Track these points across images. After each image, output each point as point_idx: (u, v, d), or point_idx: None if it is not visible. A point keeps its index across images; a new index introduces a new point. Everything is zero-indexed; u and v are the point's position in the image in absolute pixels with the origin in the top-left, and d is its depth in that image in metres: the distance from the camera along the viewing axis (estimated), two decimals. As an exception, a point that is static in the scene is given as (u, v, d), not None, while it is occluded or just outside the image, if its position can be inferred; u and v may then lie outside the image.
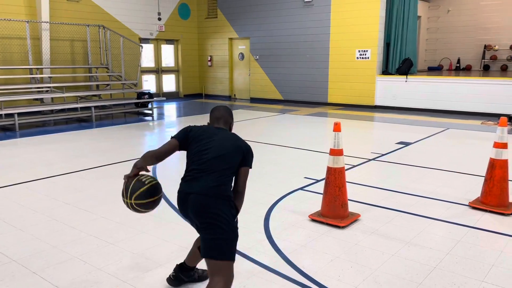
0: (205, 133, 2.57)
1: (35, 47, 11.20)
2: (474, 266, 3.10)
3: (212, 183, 2.34)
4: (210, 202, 2.30)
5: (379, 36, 12.15)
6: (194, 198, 2.33)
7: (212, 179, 2.35)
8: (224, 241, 2.29)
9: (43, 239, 3.59)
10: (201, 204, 2.31)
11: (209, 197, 2.31)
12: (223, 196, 2.34)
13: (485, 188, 4.26)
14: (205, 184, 2.34)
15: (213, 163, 2.40)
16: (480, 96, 10.89)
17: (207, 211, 2.30)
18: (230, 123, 2.72)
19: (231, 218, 2.33)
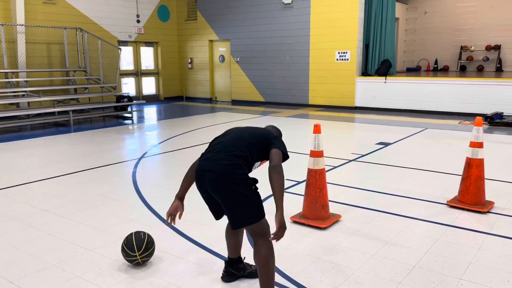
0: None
1: (10, 50, 10.95)
2: (452, 264, 3.15)
3: (227, 161, 2.47)
4: (224, 179, 2.44)
5: (358, 38, 12.29)
6: (209, 175, 2.47)
7: (227, 158, 2.49)
8: (245, 208, 2.48)
9: (20, 247, 3.50)
10: (216, 181, 2.45)
11: (223, 174, 2.44)
12: (237, 174, 2.46)
13: (462, 187, 4.35)
14: (220, 163, 2.47)
15: (230, 144, 2.57)
16: (457, 96, 11.12)
17: (223, 187, 2.44)
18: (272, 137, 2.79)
19: (246, 187, 2.49)
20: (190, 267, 3.14)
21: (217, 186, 2.45)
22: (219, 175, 2.44)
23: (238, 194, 2.45)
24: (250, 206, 2.49)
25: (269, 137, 2.71)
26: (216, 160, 2.50)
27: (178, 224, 3.96)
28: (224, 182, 2.43)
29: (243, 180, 2.48)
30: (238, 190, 2.44)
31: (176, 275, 3.03)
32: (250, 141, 2.62)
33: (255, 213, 2.50)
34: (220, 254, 3.35)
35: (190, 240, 3.64)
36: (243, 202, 2.47)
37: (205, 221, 4.05)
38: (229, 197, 2.46)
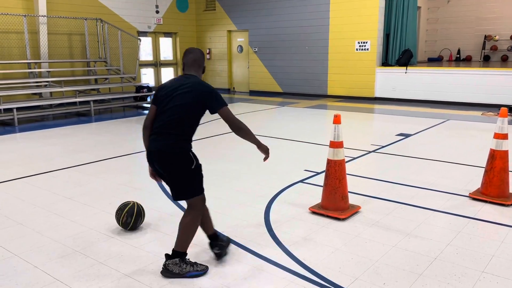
0: (171, 86, 2.89)
1: (33, 41, 11.14)
2: (474, 257, 3.11)
3: (170, 140, 2.77)
4: (169, 157, 2.77)
5: (378, 27, 12.09)
6: (157, 155, 2.81)
7: (170, 137, 2.78)
8: (186, 185, 2.84)
9: (44, 233, 3.59)
10: (162, 160, 2.80)
11: (168, 153, 2.77)
12: (180, 151, 2.79)
13: (485, 179, 4.26)
14: (164, 143, 2.78)
15: (172, 122, 2.79)
16: (480, 87, 10.86)
17: (168, 165, 2.79)
18: (201, 63, 3.00)
19: (188, 167, 2.81)
20: (210, 255, 3.17)
21: (164, 164, 2.80)
22: (165, 155, 2.77)
23: (181, 172, 2.80)
24: (191, 183, 2.85)
25: (200, 98, 2.84)
26: (159, 140, 2.80)
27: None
28: (169, 161, 2.78)
29: (187, 160, 2.81)
30: (182, 168, 2.80)
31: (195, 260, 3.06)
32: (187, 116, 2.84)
33: (194, 189, 2.87)
34: (240, 244, 3.37)
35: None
36: (185, 179, 2.82)
37: (224, 210, 4.08)
38: (173, 174, 2.82)
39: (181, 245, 2.90)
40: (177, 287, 2.77)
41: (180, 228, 2.90)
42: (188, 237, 2.91)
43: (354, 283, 2.78)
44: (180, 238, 2.90)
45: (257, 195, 4.49)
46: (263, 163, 5.72)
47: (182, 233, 2.89)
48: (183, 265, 2.88)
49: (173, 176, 2.83)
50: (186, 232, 2.89)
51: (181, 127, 2.81)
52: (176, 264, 2.87)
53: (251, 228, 3.65)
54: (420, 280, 2.81)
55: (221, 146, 6.88)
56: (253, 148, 2.84)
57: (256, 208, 4.13)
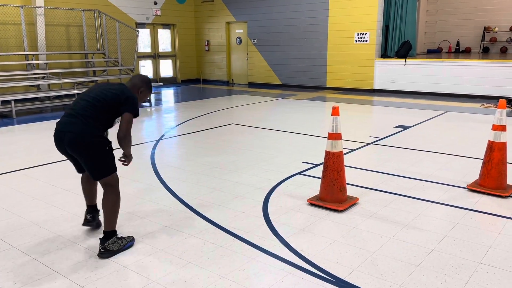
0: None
1: (30, 32, 11.08)
2: (472, 248, 3.12)
3: (79, 123, 2.95)
4: (79, 138, 2.93)
5: (378, 19, 12.03)
6: (69, 136, 2.94)
7: (78, 119, 2.96)
8: (101, 165, 3.03)
9: (43, 226, 3.60)
10: (75, 142, 2.94)
11: (80, 135, 2.93)
12: (92, 135, 2.97)
13: (483, 170, 4.27)
14: (73, 125, 2.95)
15: (88, 107, 3.00)
16: (479, 78, 10.85)
17: (77, 146, 2.95)
18: (137, 86, 3.26)
19: (101, 147, 3.01)
20: (208, 247, 3.18)
21: (76, 146, 2.95)
22: (77, 136, 2.93)
23: (94, 153, 2.98)
24: (105, 163, 3.04)
25: (120, 97, 3.05)
26: (75, 123, 2.96)
27: (196, 204, 4.01)
28: (81, 143, 2.94)
29: (98, 141, 2.99)
30: (94, 150, 2.97)
31: (194, 254, 3.08)
32: (101, 107, 3.02)
33: (108, 168, 3.05)
34: (238, 235, 3.38)
35: (207, 220, 3.68)
36: (99, 159, 3.01)
37: (222, 202, 4.09)
38: (87, 156, 2.98)
39: (110, 224, 3.11)
40: (179, 276, 2.78)
41: (105, 209, 3.09)
42: (115, 215, 3.13)
43: (351, 274, 2.79)
44: (109, 219, 3.10)
45: (255, 187, 4.50)
46: (262, 155, 5.75)
47: (108, 213, 3.09)
48: (119, 241, 3.11)
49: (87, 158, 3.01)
50: (111, 212, 3.10)
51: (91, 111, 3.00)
52: (115, 242, 3.08)
53: (250, 220, 3.66)
54: (417, 271, 2.82)
55: (220, 138, 6.88)
56: (252, 140, 2.81)
57: (254, 200, 4.13)
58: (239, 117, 8.77)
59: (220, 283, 2.71)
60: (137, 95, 3.22)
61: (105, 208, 3.09)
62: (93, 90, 3.12)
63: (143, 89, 3.29)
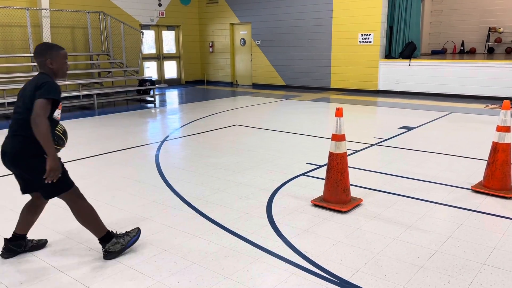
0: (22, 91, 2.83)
1: (36, 34, 11.15)
2: (476, 249, 3.12)
3: (16, 142, 2.71)
4: (18, 159, 2.72)
5: (382, 20, 12.02)
6: (7, 156, 2.74)
7: (16, 139, 2.72)
8: (46, 184, 2.70)
9: (49, 226, 3.63)
10: (13, 162, 2.75)
11: (16, 155, 2.71)
12: (28, 153, 2.69)
13: (488, 171, 4.26)
14: (11, 144, 2.73)
15: (14, 123, 2.74)
16: (484, 79, 10.82)
17: (19, 167, 2.75)
18: (41, 60, 2.79)
19: (38, 165, 2.67)
20: (212, 248, 3.20)
21: (18, 167, 2.75)
22: (14, 157, 2.71)
23: (39, 171, 2.65)
24: (52, 184, 2.70)
25: (36, 90, 2.66)
26: (9, 142, 2.74)
27: (200, 205, 4.03)
28: (21, 162, 2.72)
29: (38, 157, 2.67)
30: (38, 167, 2.66)
31: (198, 254, 3.09)
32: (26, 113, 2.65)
33: (62, 184, 2.80)
34: (242, 236, 3.40)
35: (211, 221, 3.70)
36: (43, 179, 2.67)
37: (226, 203, 4.10)
38: (33, 174, 2.73)
39: (98, 232, 2.98)
40: (189, 275, 2.80)
41: (82, 223, 2.95)
42: (94, 223, 2.96)
43: (355, 275, 2.80)
44: (92, 228, 2.96)
45: (259, 188, 4.51)
46: (266, 156, 5.76)
47: (87, 225, 2.95)
48: (120, 239, 3.00)
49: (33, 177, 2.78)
50: (89, 223, 2.95)
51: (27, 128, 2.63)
52: (116, 243, 2.99)
53: (253, 221, 3.68)
54: (421, 272, 2.82)
55: (224, 139, 6.90)
56: (256, 141, 2.81)
57: (258, 201, 4.15)
58: (243, 118, 8.79)
59: (224, 283, 2.72)
60: (51, 70, 2.80)
61: (81, 222, 2.95)
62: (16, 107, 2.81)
63: (50, 55, 2.78)
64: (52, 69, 2.80)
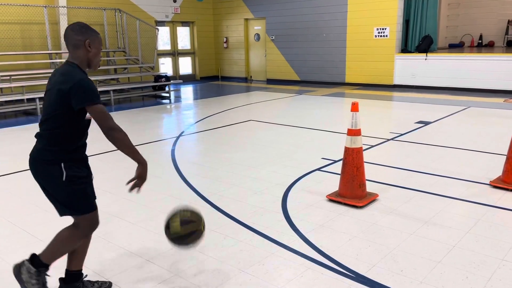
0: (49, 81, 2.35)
1: (53, 32, 11.32)
2: (494, 245, 3.08)
3: (38, 146, 2.30)
4: (38, 166, 2.30)
5: (398, 13, 11.87)
6: (30, 162, 2.34)
7: (39, 142, 2.31)
8: (61, 201, 2.31)
9: (66, 219, 3.69)
10: (33, 170, 2.33)
11: (36, 161, 2.30)
12: (47, 160, 2.26)
13: (507, 166, 4.19)
14: (35, 148, 2.32)
15: (41, 124, 2.31)
16: (503, 73, 10.60)
17: (38, 176, 2.32)
18: (79, 40, 2.25)
19: (59, 179, 2.25)
20: (228, 242, 3.23)
21: (34, 174, 2.33)
22: (33, 163, 2.31)
23: (50, 183, 2.29)
24: (64, 198, 2.30)
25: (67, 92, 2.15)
26: (35, 144, 2.34)
27: (216, 200, 4.06)
28: (36, 170, 2.30)
29: (50, 169, 2.26)
30: (50, 179, 2.27)
31: (214, 248, 3.12)
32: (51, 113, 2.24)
33: (70, 206, 2.32)
34: (258, 231, 3.42)
35: (227, 215, 3.72)
36: (57, 192, 2.30)
37: (242, 197, 4.12)
38: (46, 185, 2.32)
39: (46, 255, 2.39)
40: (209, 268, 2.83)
41: (54, 238, 2.40)
42: (57, 251, 2.40)
43: (371, 270, 2.79)
44: (49, 248, 2.40)
45: (274, 183, 4.52)
46: (281, 151, 5.76)
47: (54, 244, 2.40)
48: (34, 279, 2.34)
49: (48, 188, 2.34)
50: (57, 245, 2.39)
51: (50, 130, 2.26)
52: (28, 273, 2.35)
53: (269, 216, 3.69)
54: (438, 267, 2.80)
55: (238, 134, 6.92)
56: (271, 136, 2.80)
57: (273, 195, 4.16)
58: (258, 114, 8.80)
59: (240, 277, 2.75)
60: (87, 55, 2.29)
61: (56, 237, 2.40)
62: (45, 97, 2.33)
63: (90, 36, 2.29)
64: (89, 53, 2.29)
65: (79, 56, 2.29)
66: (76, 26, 2.29)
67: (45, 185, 2.33)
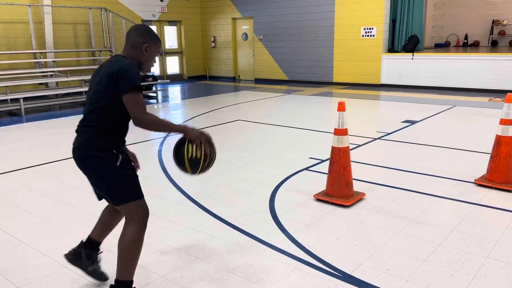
0: (95, 71, 2.40)
1: (38, 31, 11.16)
2: (479, 243, 3.12)
3: (86, 135, 2.30)
4: (88, 156, 2.29)
5: (384, 13, 11.95)
6: (75, 152, 2.34)
7: (86, 132, 2.30)
8: (113, 188, 2.32)
9: (52, 221, 3.64)
10: (79, 159, 2.33)
11: (84, 149, 2.30)
12: (100, 148, 2.27)
13: (491, 165, 4.25)
14: (81, 137, 2.33)
15: (86, 111, 2.32)
16: (487, 72, 10.75)
17: (86, 164, 2.32)
18: (138, 42, 2.33)
19: (112, 166, 2.28)
20: (215, 242, 3.21)
21: (80, 164, 2.34)
22: (79, 152, 2.31)
23: (101, 172, 2.30)
24: (116, 185, 2.31)
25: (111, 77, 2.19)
26: (78, 133, 2.35)
27: (204, 200, 4.04)
28: (84, 159, 2.30)
29: (103, 156, 2.27)
30: (99, 167, 2.28)
31: (201, 249, 3.10)
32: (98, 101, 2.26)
33: (122, 192, 2.32)
34: (245, 231, 3.41)
35: (214, 216, 3.71)
36: (108, 180, 2.31)
37: (229, 198, 4.11)
38: (93, 174, 2.33)
39: (124, 272, 2.36)
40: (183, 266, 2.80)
41: (120, 251, 2.34)
42: (132, 261, 2.37)
43: (358, 269, 2.80)
44: (123, 264, 2.35)
45: (262, 182, 4.52)
46: (268, 151, 5.76)
47: (124, 257, 2.34)
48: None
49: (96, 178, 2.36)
50: (128, 256, 2.35)
51: (98, 121, 2.28)
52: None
53: (256, 215, 3.68)
54: (424, 265, 2.82)
55: (226, 134, 6.90)
56: (259, 136, 2.80)
57: (261, 195, 4.15)
58: (246, 113, 8.78)
59: (227, 278, 2.73)
60: (140, 58, 2.36)
61: (120, 249, 2.35)
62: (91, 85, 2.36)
63: (149, 40, 2.36)
64: (143, 56, 2.35)
65: (133, 56, 2.34)
66: (140, 28, 2.37)
67: (95, 175, 2.33)
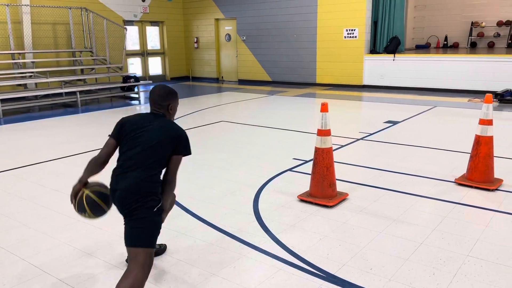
0: (138, 123, 2.52)
1: (16, 31, 10.93)
2: (460, 241, 3.16)
3: (136, 179, 2.33)
4: (132, 197, 2.31)
5: (366, 15, 12.07)
6: (119, 194, 2.35)
7: (137, 175, 2.34)
8: (141, 230, 2.32)
9: (31, 226, 3.56)
10: (123, 200, 2.33)
11: (132, 193, 2.32)
12: (146, 192, 2.34)
13: (471, 164, 4.32)
14: (129, 181, 2.33)
15: (140, 158, 2.38)
16: (467, 73, 10.95)
17: (128, 206, 2.32)
18: (166, 105, 2.60)
19: (150, 211, 2.34)
20: (198, 245, 3.18)
21: (122, 205, 2.34)
22: (128, 193, 2.32)
23: (142, 213, 2.32)
24: (150, 226, 2.35)
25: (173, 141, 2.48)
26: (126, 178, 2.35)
27: (187, 202, 4.00)
28: (128, 201, 2.31)
29: (151, 199, 2.35)
30: (143, 209, 2.32)
31: (184, 252, 3.07)
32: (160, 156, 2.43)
33: (151, 235, 2.35)
34: (229, 233, 3.39)
35: (197, 218, 3.68)
36: (145, 221, 2.33)
37: (213, 199, 4.08)
38: (134, 214, 2.32)
39: None
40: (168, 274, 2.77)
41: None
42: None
43: (341, 269, 2.81)
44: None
45: (245, 184, 4.50)
46: (252, 152, 5.75)
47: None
48: None
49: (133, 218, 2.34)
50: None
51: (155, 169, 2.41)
52: None
53: (240, 217, 3.67)
54: (406, 264, 2.85)
55: (210, 135, 6.86)
56: (242, 137, 2.80)
57: (244, 197, 4.14)
58: (229, 114, 8.76)
59: (211, 280, 2.71)
60: (168, 115, 2.65)
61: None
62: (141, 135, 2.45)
63: (173, 101, 2.65)
64: (169, 114, 2.65)
65: (162, 112, 2.62)
66: (161, 91, 2.60)
67: (132, 214, 2.32)
